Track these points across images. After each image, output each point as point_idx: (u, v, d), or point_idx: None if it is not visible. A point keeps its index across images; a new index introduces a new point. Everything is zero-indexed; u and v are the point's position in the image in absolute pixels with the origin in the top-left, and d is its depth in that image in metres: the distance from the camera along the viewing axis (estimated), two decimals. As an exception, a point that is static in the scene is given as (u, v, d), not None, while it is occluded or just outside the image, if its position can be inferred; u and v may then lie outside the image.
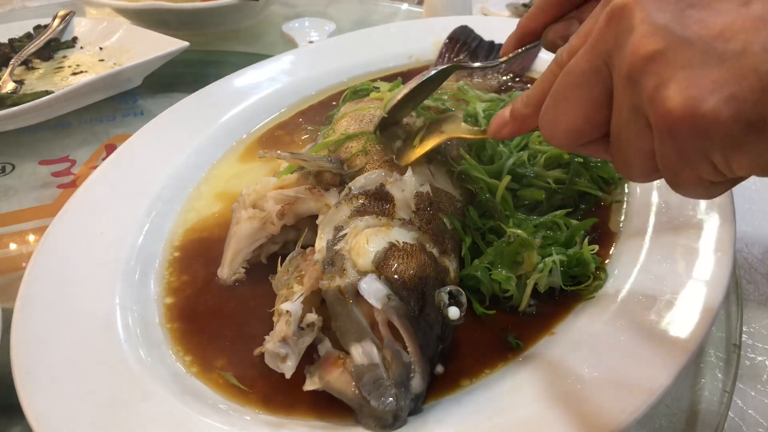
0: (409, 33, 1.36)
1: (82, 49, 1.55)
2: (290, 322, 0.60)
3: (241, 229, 0.78)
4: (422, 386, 0.59)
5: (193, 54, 1.44)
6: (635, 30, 0.41)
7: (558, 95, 0.49)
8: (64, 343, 0.67)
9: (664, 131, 0.40)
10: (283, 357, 0.60)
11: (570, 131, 0.49)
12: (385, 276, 0.62)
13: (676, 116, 0.38)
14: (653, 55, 0.40)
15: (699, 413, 0.67)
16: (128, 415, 0.60)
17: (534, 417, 0.57)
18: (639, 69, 0.40)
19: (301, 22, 1.66)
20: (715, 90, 0.37)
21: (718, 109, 0.36)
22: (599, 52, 0.44)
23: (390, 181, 0.72)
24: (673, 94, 0.38)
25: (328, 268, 0.64)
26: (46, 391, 0.62)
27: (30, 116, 1.21)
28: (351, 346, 0.60)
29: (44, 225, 0.85)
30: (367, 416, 0.58)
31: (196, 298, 0.78)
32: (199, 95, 1.15)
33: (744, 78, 0.36)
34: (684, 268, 0.70)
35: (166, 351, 0.70)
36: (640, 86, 0.41)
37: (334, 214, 0.70)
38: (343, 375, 0.59)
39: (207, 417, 0.60)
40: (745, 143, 0.37)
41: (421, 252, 0.67)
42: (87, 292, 0.74)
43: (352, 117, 0.90)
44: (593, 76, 0.45)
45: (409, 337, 0.59)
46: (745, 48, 0.36)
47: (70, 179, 1.12)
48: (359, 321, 0.60)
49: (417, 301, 0.62)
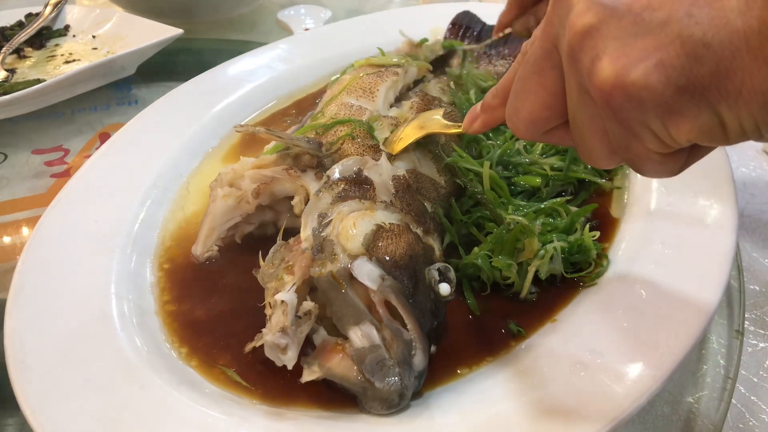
0: (406, 19, 1.35)
1: (75, 37, 1.52)
2: (287, 311, 0.59)
3: (216, 206, 0.78)
4: (424, 363, 0.59)
5: (188, 42, 1.43)
6: (573, 8, 0.41)
7: (517, 86, 0.49)
8: (59, 333, 0.66)
9: (603, 105, 0.40)
10: (283, 348, 0.59)
11: (531, 120, 0.49)
12: (376, 257, 0.62)
13: (609, 87, 0.39)
14: (588, 29, 0.40)
15: (702, 400, 0.67)
16: (125, 405, 0.59)
17: (536, 404, 0.57)
18: (577, 45, 0.41)
19: (296, 10, 1.64)
20: (643, 58, 0.37)
21: (647, 76, 0.37)
22: (548, 37, 0.45)
23: (367, 167, 0.72)
24: (605, 65, 0.39)
25: (318, 255, 0.63)
26: (41, 382, 0.61)
27: (22, 105, 1.19)
28: (349, 330, 0.59)
29: (37, 215, 0.84)
30: (372, 399, 0.57)
31: (193, 287, 0.77)
32: (194, 83, 1.13)
33: (669, 44, 0.36)
34: (686, 255, 0.70)
35: (162, 340, 0.69)
36: (579, 63, 0.41)
37: (316, 202, 0.70)
38: (344, 360, 0.58)
39: (204, 406, 0.60)
40: (679, 108, 0.37)
41: (408, 232, 0.67)
42: (82, 281, 0.73)
43: (342, 102, 0.89)
44: (546, 62, 0.46)
45: (408, 314, 0.59)
46: (669, 16, 0.37)
47: (64, 168, 1.11)
48: (356, 304, 0.60)
49: (410, 279, 0.62)
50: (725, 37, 0.35)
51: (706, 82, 0.36)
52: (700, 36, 0.35)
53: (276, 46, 1.27)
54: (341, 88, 0.93)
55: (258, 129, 0.77)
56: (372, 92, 0.91)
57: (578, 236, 0.73)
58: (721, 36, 0.35)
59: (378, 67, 0.97)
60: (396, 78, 0.95)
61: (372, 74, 0.94)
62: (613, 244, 0.76)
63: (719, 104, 0.36)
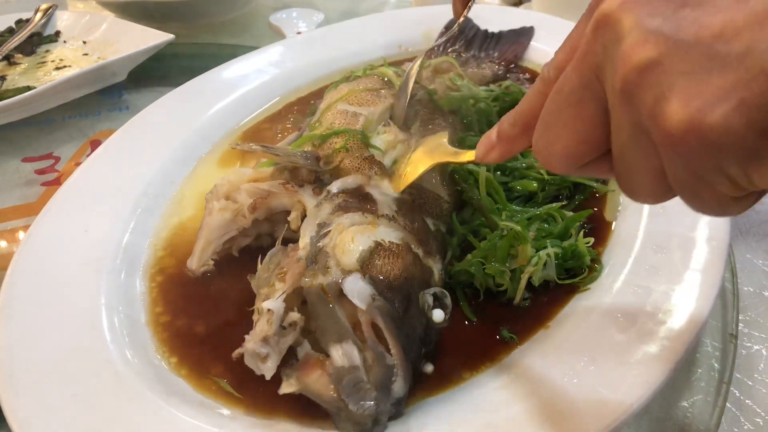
0: (399, 22, 1.34)
1: (66, 43, 1.52)
2: (272, 321, 0.58)
3: (213, 220, 0.77)
4: (404, 390, 0.57)
5: (179, 47, 1.42)
6: (625, 38, 0.37)
7: (549, 118, 0.45)
8: (48, 344, 0.66)
9: (670, 150, 0.36)
10: (263, 357, 0.58)
11: (567, 155, 0.45)
12: (370, 275, 0.61)
13: (682, 132, 0.34)
14: (648, 64, 0.35)
15: (696, 404, 0.66)
16: (114, 417, 0.59)
17: (529, 413, 0.56)
18: (634, 82, 0.36)
19: (288, 13, 1.64)
20: (721, 98, 0.33)
21: (727, 119, 0.32)
22: (589, 66, 0.40)
23: (370, 184, 0.72)
24: (675, 107, 0.34)
25: (311, 265, 0.62)
26: (28, 395, 0.60)
27: (12, 112, 1.19)
28: (331, 347, 0.58)
29: (28, 224, 0.84)
30: (345, 420, 0.56)
31: (185, 297, 0.76)
32: (186, 89, 1.13)
33: (752, 81, 0.32)
34: (679, 258, 0.69)
35: (153, 352, 0.69)
36: (637, 101, 0.37)
37: (316, 213, 0.69)
38: (321, 377, 0.57)
39: (194, 418, 0.59)
40: (764, 153, 0.33)
41: (408, 252, 0.65)
42: (71, 291, 0.72)
43: (338, 110, 0.88)
44: (585, 93, 0.41)
45: (393, 338, 0.57)
46: (749, 47, 0.32)
47: (54, 176, 1.10)
48: (341, 321, 0.58)
49: (402, 302, 0.61)
50: None
51: None
52: None
53: (268, 50, 1.26)
54: (339, 97, 0.92)
55: (254, 147, 0.75)
56: (369, 105, 0.88)
57: (572, 242, 0.72)
58: None
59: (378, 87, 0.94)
60: (394, 101, 0.91)
61: (371, 92, 0.91)
62: (606, 248, 0.75)
63: None
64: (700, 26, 0.34)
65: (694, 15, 0.34)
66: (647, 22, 0.36)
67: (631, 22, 0.36)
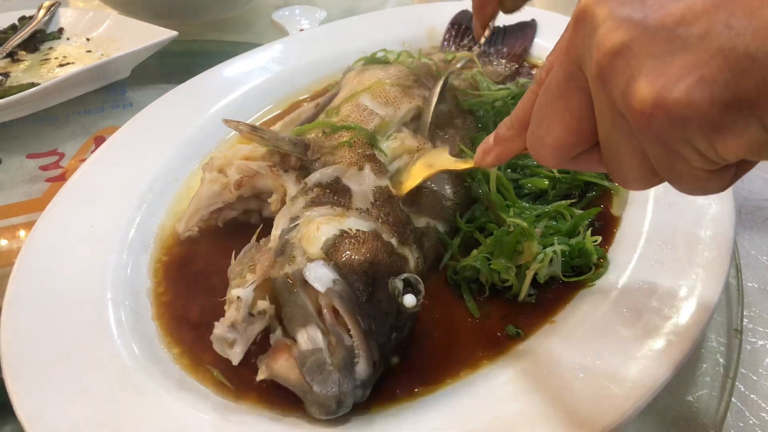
0: (402, 19, 1.34)
1: (69, 40, 1.52)
2: (240, 307, 0.61)
3: (202, 189, 0.81)
4: (367, 372, 0.57)
5: (182, 44, 1.42)
6: (599, 27, 0.40)
7: (540, 113, 0.47)
8: (55, 339, 0.66)
9: (643, 128, 0.39)
10: (230, 342, 0.60)
11: (558, 147, 0.47)
12: (334, 262, 0.62)
13: (649, 108, 0.37)
14: (619, 48, 0.38)
15: (701, 399, 0.66)
16: (121, 412, 0.59)
17: (535, 407, 0.56)
18: (608, 66, 0.39)
19: (291, 10, 1.63)
20: (683, 75, 0.36)
21: (689, 94, 0.35)
22: (571, 59, 0.43)
23: (347, 175, 0.73)
24: (643, 86, 0.37)
25: (279, 256, 0.64)
26: (37, 389, 0.60)
27: (16, 109, 1.19)
28: (297, 332, 0.59)
29: (33, 220, 0.83)
30: (312, 403, 0.57)
31: (190, 291, 0.76)
32: (189, 85, 1.12)
33: (711, 59, 0.35)
34: (684, 254, 0.69)
35: (160, 346, 0.69)
36: (611, 85, 0.39)
37: (289, 206, 0.70)
38: (288, 361, 0.58)
39: (202, 412, 0.59)
40: (725, 124, 0.36)
41: (374, 239, 0.66)
42: (77, 287, 0.73)
43: (359, 103, 0.87)
44: (570, 85, 0.44)
45: (351, 319, 0.58)
46: (707, 29, 0.35)
47: (59, 173, 1.10)
48: (305, 306, 0.60)
49: (366, 287, 0.61)
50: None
51: (753, 96, 0.34)
52: (743, 48, 0.34)
53: (271, 47, 1.26)
54: (363, 88, 0.91)
55: (242, 127, 0.76)
56: (393, 105, 0.87)
57: (580, 239, 0.72)
58: (767, 47, 0.33)
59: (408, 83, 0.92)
60: (421, 104, 0.89)
61: (398, 86, 0.90)
62: (612, 243, 0.76)
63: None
64: (665, 12, 0.37)
65: (660, 2, 0.37)
66: (619, 11, 0.39)
67: (605, 13, 0.40)
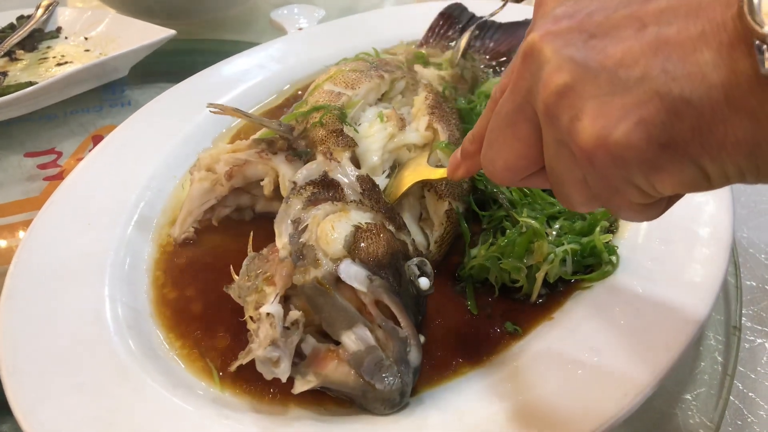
0: (400, 18, 1.35)
1: (67, 39, 1.51)
2: (274, 323, 0.58)
3: (193, 189, 0.81)
4: (419, 358, 0.59)
5: (181, 43, 1.41)
6: (545, 66, 0.41)
7: (491, 136, 0.49)
8: (52, 336, 0.66)
9: (585, 163, 0.40)
10: (275, 361, 0.57)
11: (507, 169, 0.49)
12: (359, 258, 0.62)
13: (592, 147, 0.39)
14: (563, 89, 0.40)
15: (700, 397, 0.66)
16: (118, 407, 0.59)
17: (534, 403, 0.57)
18: (553, 104, 0.41)
19: (289, 9, 1.63)
20: (623, 117, 0.37)
21: (628, 135, 0.37)
22: (520, 91, 0.45)
23: (331, 168, 0.73)
24: (586, 125, 0.39)
25: (299, 262, 0.62)
26: (33, 386, 0.60)
27: (14, 108, 1.18)
28: (342, 335, 0.58)
29: (30, 218, 0.83)
30: (373, 401, 0.57)
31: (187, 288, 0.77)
32: (187, 84, 1.12)
33: (648, 101, 0.36)
34: (683, 251, 0.69)
35: (158, 342, 0.69)
36: (557, 121, 0.41)
37: (286, 210, 0.69)
38: (340, 365, 0.57)
39: (198, 408, 0.59)
40: (662, 164, 0.37)
41: (384, 230, 0.67)
42: (75, 284, 0.72)
43: (324, 90, 0.91)
44: (519, 116, 0.46)
45: (401, 311, 0.59)
46: (645, 72, 0.36)
47: (57, 171, 1.10)
48: (346, 307, 0.59)
49: (395, 277, 0.62)
50: (704, 92, 0.34)
51: (687, 138, 0.36)
52: (678, 92, 0.35)
53: (270, 46, 1.26)
54: (325, 77, 0.95)
55: (227, 108, 0.77)
56: (353, 87, 0.91)
57: (591, 238, 0.72)
58: (700, 91, 0.34)
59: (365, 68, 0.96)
60: (380, 82, 0.94)
61: (357, 71, 0.94)
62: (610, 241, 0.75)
63: (702, 158, 0.36)
64: (606, 55, 0.38)
65: (601, 45, 0.39)
66: (563, 51, 0.40)
67: (550, 52, 0.41)
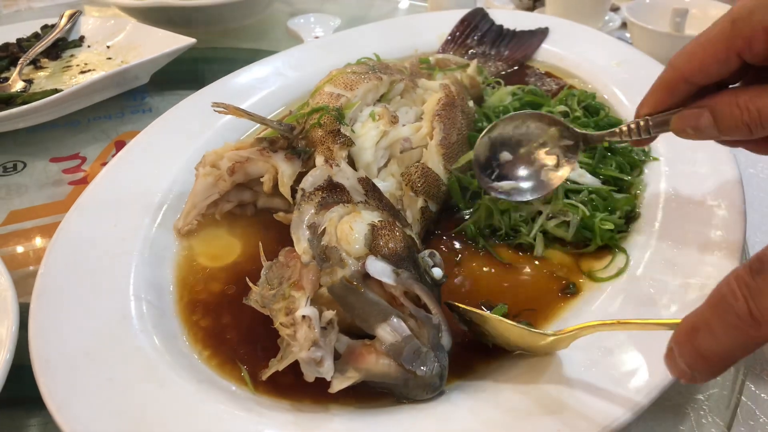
0: (414, 27, 1.37)
1: (90, 47, 1.56)
2: (312, 325, 0.59)
3: (197, 184, 0.85)
4: (451, 341, 0.63)
5: (200, 51, 1.45)
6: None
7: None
8: (81, 332, 0.68)
9: None
10: (319, 361, 0.58)
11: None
12: (381, 255, 0.65)
13: None
14: None
15: (712, 397, 0.67)
16: (146, 402, 0.61)
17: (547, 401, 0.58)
18: None
19: (306, 18, 1.67)
20: None
21: None
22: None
23: (333, 172, 0.76)
24: None
25: (324, 264, 0.64)
26: (65, 379, 0.63)
27: (40, 114, 1.22)
28: (377, 328, 0.60)
29: (57, 221, 0.86)
30: (414, 388, 0.59)
31: (210, 287, 0.79)
32: (207, 91, 1.15)
33: None
34: (695, 254, 0.70)
35: (182, 339, 0.71)
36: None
37: (299, 216, 0.71)
38: (380, 358, 0.59)
39: (223, 403, 0.61)
40: None
41: (396, 226, 0.70)
42: (101, 283, 0.75)
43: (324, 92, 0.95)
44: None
45: (430, 299, 0.62)
46: None
47: (81, 176, 1.13)
48: (377, 302, 0.61)
49: (415, 269, 0.65)
50: None
51: None
52: None
53: (287, 54, 1.29)
54: (326, 80, 0.99)
55: (229, 107, 0.80)
56: (352, 89, 0.94)
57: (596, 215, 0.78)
58: None
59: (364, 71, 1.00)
60: (378, 83, 0.97)
61: (356, 73, 0.97)
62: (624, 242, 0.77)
63: None
64: None
65: None
66: None
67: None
